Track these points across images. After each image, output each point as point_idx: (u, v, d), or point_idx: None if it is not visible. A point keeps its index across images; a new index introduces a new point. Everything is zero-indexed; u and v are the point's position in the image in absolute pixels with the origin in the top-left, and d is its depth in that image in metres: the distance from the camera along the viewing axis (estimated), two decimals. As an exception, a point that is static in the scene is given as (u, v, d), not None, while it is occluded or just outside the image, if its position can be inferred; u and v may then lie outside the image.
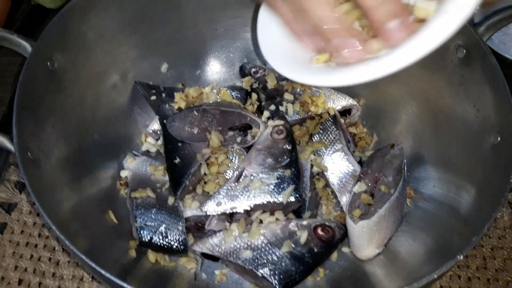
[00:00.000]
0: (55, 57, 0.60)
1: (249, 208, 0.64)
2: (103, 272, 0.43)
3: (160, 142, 0.76)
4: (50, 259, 0.69)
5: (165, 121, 0.71)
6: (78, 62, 0.64)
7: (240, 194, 0.64)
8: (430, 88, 0.68)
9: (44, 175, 0.54)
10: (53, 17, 0.60)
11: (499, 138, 0.55)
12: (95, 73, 0.68)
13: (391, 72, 0.45)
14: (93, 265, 0.44)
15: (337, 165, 0.71)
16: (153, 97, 0.75)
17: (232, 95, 0.78)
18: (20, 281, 0.67)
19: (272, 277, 0.60)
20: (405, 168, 0.68)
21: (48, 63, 0.59)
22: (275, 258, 0.61)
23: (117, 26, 0.69)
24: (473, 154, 0.61)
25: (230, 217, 0.65)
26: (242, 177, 0.66)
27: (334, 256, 0.67)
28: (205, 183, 0.67)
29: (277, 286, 0.59)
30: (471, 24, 0.60)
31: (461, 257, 0.46)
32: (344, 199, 0.69)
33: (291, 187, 0.64)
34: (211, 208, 0.64)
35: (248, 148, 0.70)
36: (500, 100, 0.56)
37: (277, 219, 0.64)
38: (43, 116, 0.58)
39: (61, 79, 0.61)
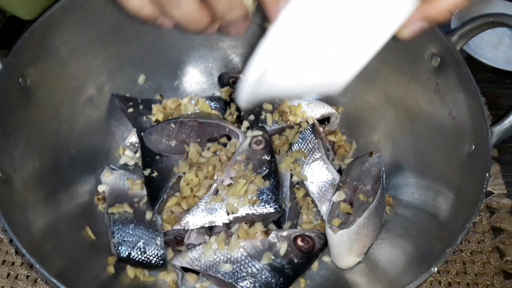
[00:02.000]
0: (27, 72, 0.59)
1: (228, 221, 0.63)
2: (75, 296, 0.43)
3: (138, 155, 0.75)
4: (27, 277, 0.68)
5: (142, 134, 0.70)
6: (52, 77, 0.63)
7: (219, 207, 0.64)
8: (407, 96, 0.68)
9: (16, 194, 0.53)
10: (29, 29, 0.59)
11: (473, 147, 0.56)
12: (70, 87, 0.67)
13: None
14: (65, 288, 0.43)
15: (316, 174, 0.71)
16: (131, 110, 0.74)
17: (211, 106, 0.78)
18: (-3, 300, 0.66)
19: (252, 290, 0.60)
20: (384, 176, 0.68)
21: (20, 80, 0.58)
22: (254, 270, 0.61)
23: (92, 39, 0.68)
24: (450, 161, 0.61)
25: (210, 230, 0.65)
26: (221, 189, 0.65)
27: (315, 266, 0.67)
28: (183, 197, 0.67)
29: (257, 299, 0.59)
30: (445, 33, 0.61)
31: (435, 269, 0.47)
32: (324, 208, 0.69)
33: (271, 198, 0.64)
34: (190, 222, 0.63)
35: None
36: (474, 108, 0.56)
37: (256, 231, 0.64)
38: (16, 134, 0.57)
39: (34, 95, 0.60)
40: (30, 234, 0.52)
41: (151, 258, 0.63)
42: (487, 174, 0.51)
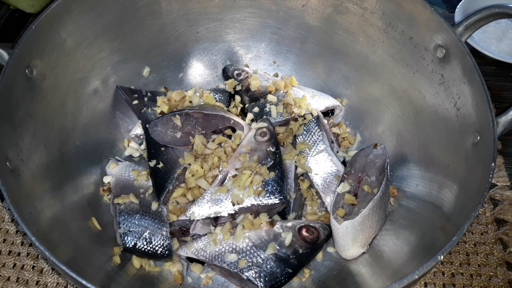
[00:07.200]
0: (33, 64, 0.59)
1: (233, 212, 0.64)
2: (84, 282, 0.43)
3: (143, 146, 0.75)
4: (33, 267, 0.68)
5: (147, 125, 0.71)
6: (58, 69, 0.64)
7: (224, 198, 0.64)
8: (412, 87, 0.68)
9: (24, 184, 0.54)
10: (33, 21, 0.59)
11: (478, 137, 0.56)
12: (75, 79, 0.67)
13: None
14: (74, 275, 0.43)
15: (321, 165, 0.71)
16: (135, 102, 0.74)
17: (216, 98, 0.78)
18: (3, 291, 0.66)
19: (257, 280, 0.60)
20: (388, 168, 0.68)
21: (26, 71, 0.58)
22: (260, 260, 0.61)
23: (97, 31, 0.68)
24: (454, 153, 0.61)
25: (215, 220, 0.65)
26: (226, 180, 0.66)
27: (320, 256, 0.67)
28: (188, 188, 0.67)
29: (262, 289, 0.60)
30: (450, 25, 0.61)
31: (442, 257, 0.47)
32: (329, 200, 0.70)
33: (276, 189, 0.64)
34: (196, 212, 0.64)
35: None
36: (479, 100, 0.56)
37: (261, 221, 0.64)
38: (22, 125, 0.57)
39: (40, 86, 0.61)
40: (38, 224, 0.52)
41: (156, 248, 0.63)
42: (493, 164, 0.51)
